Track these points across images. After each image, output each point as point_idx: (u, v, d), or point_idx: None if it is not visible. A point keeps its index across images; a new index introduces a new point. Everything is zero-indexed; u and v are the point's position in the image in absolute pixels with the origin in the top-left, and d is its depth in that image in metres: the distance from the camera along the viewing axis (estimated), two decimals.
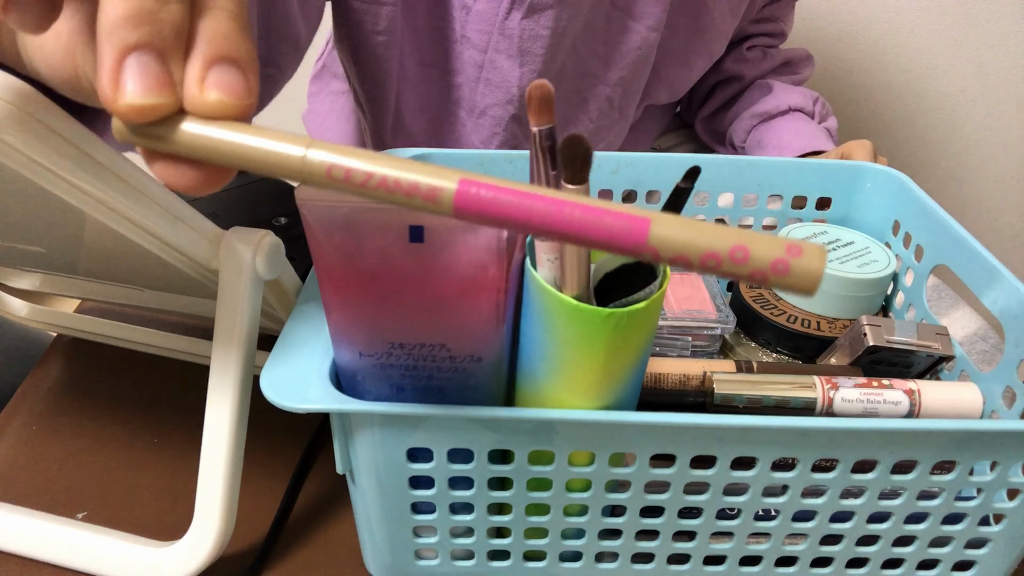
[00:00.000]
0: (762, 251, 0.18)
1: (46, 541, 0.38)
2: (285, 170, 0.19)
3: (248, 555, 0.40)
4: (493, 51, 0.64)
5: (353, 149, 0.19)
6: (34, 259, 0.41)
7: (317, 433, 0.47)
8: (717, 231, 0.18)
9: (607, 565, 0.37)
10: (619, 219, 0.18)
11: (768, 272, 0.18)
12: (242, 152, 0.19)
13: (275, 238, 0.35)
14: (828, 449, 0.32)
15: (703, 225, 0.18)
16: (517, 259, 0.29)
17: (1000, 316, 0.39)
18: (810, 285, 0.18)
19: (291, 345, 0.33)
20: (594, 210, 0.18)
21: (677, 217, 0.18)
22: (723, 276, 0.18)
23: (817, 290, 0.18)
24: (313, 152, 0.19)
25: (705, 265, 0.18)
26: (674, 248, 0.18)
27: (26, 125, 0.25)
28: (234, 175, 0.20)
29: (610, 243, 0.18)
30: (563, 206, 0.18)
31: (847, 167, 0.51)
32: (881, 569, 0.36)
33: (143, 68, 0.18)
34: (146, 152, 0.20)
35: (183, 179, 0.20)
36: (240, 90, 0.19)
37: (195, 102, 0.19)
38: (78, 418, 0.48)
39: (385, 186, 0.19)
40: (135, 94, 0.18)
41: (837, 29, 1.12)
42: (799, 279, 0.18)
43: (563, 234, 0.18)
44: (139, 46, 0.18)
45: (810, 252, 0.17)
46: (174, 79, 0.19)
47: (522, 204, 0.18)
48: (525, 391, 0.33)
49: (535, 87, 0.26)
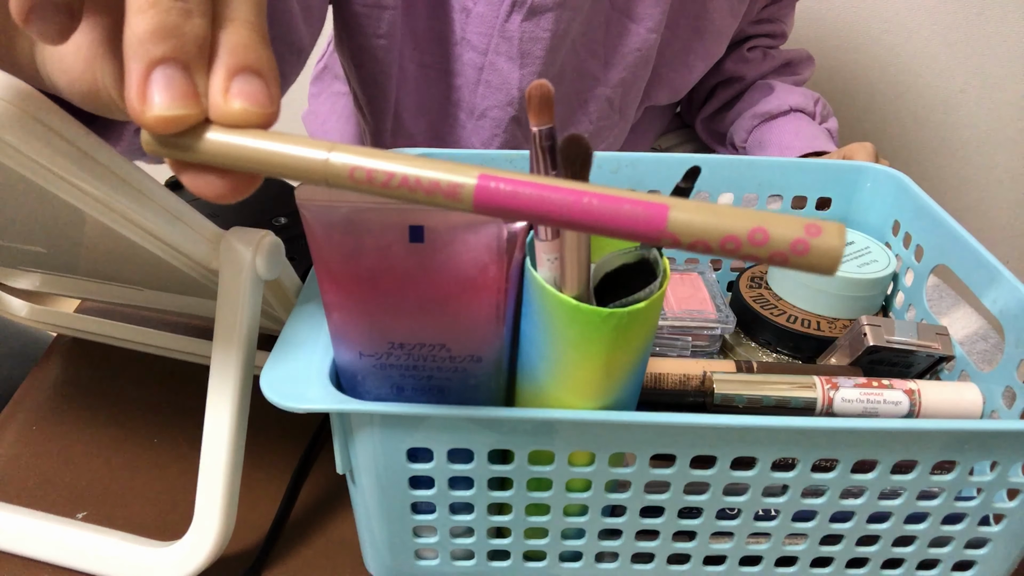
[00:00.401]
0: (781, 232, 0.17)
1: (46, 541, 0.38)
2: (309, 174, 0.19)
3: (248, 555, 0.40)
4: (493, 53, 0.64)
5: (373, 150, 0.19)
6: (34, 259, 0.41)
7: (317, 433, 0.47)
8: (736, 214, 0.18)
9: (607, 565, 0.37)
10: (637, 206, 0.18)
11: (788, 253, 0.18)
12: (266, 158, 0.19)
13: (275, 238, 0.35)
14: (828, 449, 0.32)
15: (721, 208, 0.18)
16: (517, 259, 0.29)
17: (1000, 316, 0.39)
18: (831, 264, 0.17)
19: (291, 345, 0.33)
20: (613, 199, 0.18)
21: (695, 202, 0.18)
22: (743, 259, 0.18)
23: (838, 269, 0.17)
24: (336, 155, 0.19)
25: (725, 248, 0.18)
26: (693, 233, 0.18)
27: (26, 125, 0.25)
28: (260, 183, 0.21)
29: (630, 230, 0.18)
30: (581, 196, 0.18)
31: (847, 167, 0.51)
32: (881, 569, 0.36)
33: (169, 81, 0.19)
34: (174, 163, 0.20)
35: (211, 187, 0.20)
36: (263, 98, 0.20)
37: (220, 111, 0.20)
38: (78, 418, 0.48)
39: (407, 185, 0.19)
40: (162, 106, 0.19)
41: (837, 29, 1.12)
42: (820, 258, 0.17)
43: (583, 224, 0.19)
44: (165, 59, 0.19)
45: (829, 230, 0.17)
46: (199, 90, 0.19)
47: (541, 196, 0.19)
48: (525, 391, 0.33)
49: (535, 87, 0.26)
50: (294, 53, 0.54)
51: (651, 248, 0.30)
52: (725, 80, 0.82)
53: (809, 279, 0.45)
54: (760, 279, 0.49)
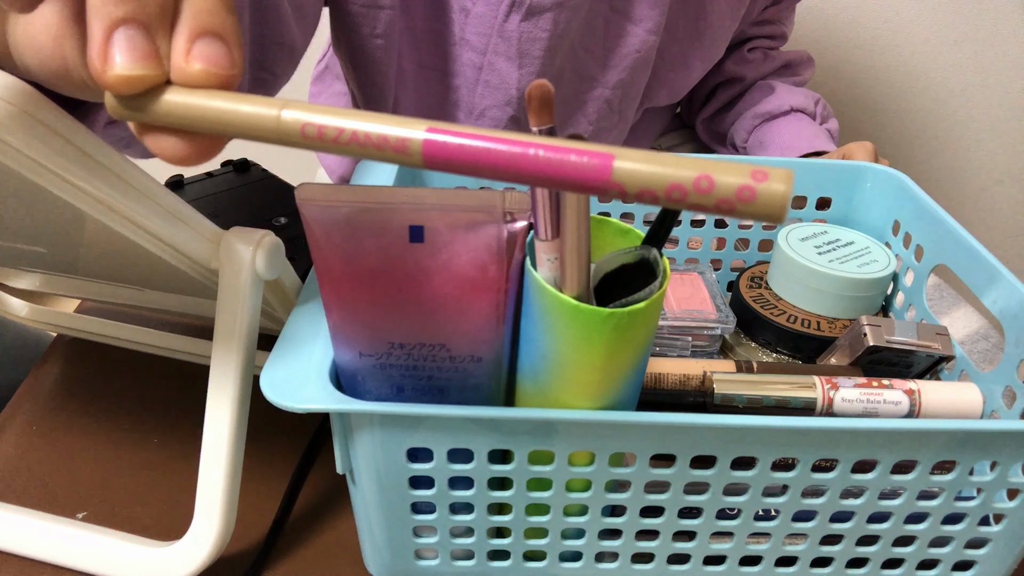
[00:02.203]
0: (727, 179, 0.17)
1: (46, 541, 0.38)
2: (263, 131, 0.20)
3: (248, 555, 0.40)
4: (492, 53, 0.64)
5: (325, 107, 0.20)
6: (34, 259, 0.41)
7: (317, 433, 0.47)
8: (681, 162, 0.18)
9: (607, 565, 0.37)
10: (583, 155, 0.18)
11: (735, 200, 0.17)
12: (221, 117, 0.20)
13: (275, 238, 0.35)
14: (828, 449, 0.32)
15: (667, 157, 0.18)
16: (517, 259, 0.29)
17: (1000, 316, 0.39)
18: (777, 211, 0.17)
19: (291, 345, 0.33)
20: (559, 149, 0.18)
21: (642, 151, 0.18)
22: (690, 208, 0.18)
23: (785, 215, 0.17)
24: (288, 112, 0.19)
25: (671, 198, 0.18)
26: (638, 182, 0.18)
27: (26, 125, 0.25)
28: (222, 146, 0.21)
29: (576, 181, 0.18)
30: (528, 147, 0.18)
31: (847, 167, 0.51)
32: (881, 569, 0.36)
33: (130, 41, 0.19)
34: (137, 126, 0.21)
35: (174, 150, 0.21)
36: (224, 62, 0.20)
37: (181, 73, 0.20)
38: (78, 418, 0.48)
39: (357, 140, 0.19)
40: (123, 66, 0.19)
41: (837, 29, 1.12)
42: (766, 205, 0.17)
43: (530, 176, 0.19)
44: (126, 20, 0.19)
45: (776, 175, 0.17)
46: (160, 52, 0.20)
47: (489, 149, 0.19)
48: (525, 391, 0.33)
49: (535, 87, 0.26)
50: (286, 53, 0.54)
51: (651, 248, 0.30)
52: (725, 81, 0.82)
53: (809, 279, 0.45)
54: (760, 279, 0.49)
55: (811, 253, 0.46)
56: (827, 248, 0.47)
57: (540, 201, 0.28)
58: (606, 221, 0.33)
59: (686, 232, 0.52)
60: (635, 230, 0.32)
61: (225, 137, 0.21)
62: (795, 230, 0.49)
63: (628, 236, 0.33)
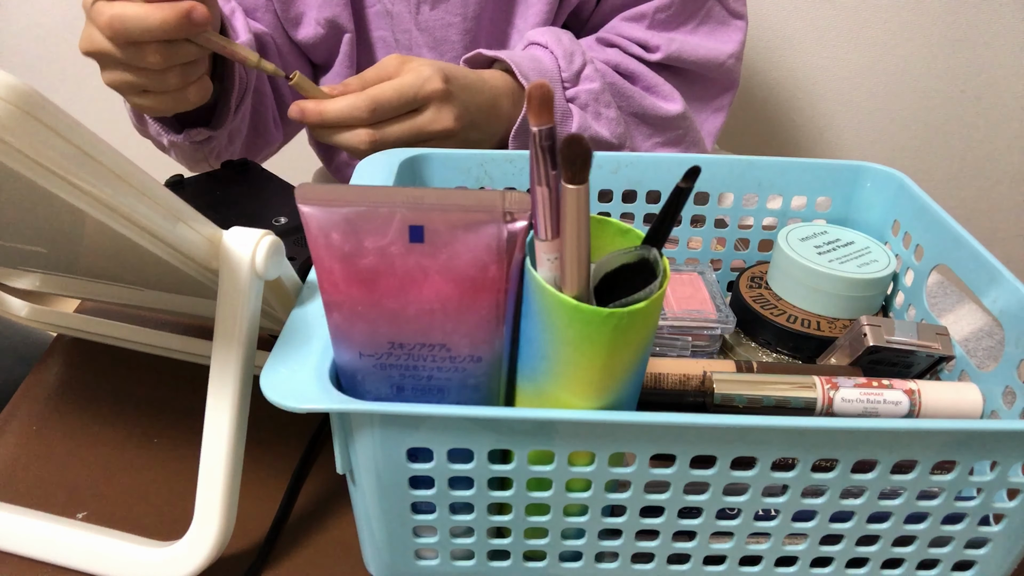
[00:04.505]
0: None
1: (46, 541, 0.38)
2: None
3: (248, 555, 0.40)
4: (416, 47, 0.68)
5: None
6: (34, 259, 0.41)
7: (317, 433, 0.47)
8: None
9: (607, 565, 0.37)
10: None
11: None
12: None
13: (275, 238, 0.35)
14: (828, 449, 0.32)
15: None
16: (517, 259, 0.29)
17: (1000, 316, 0.39)
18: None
19: (291, 345, 0.33)
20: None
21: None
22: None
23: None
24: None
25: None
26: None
27: (26, 125, 0.25)
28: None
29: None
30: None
31: (847, 167, 0.51)
32: (881, 569, 0.36)
33: None
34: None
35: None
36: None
37: None
38: (78, 418, 0.48)
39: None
40: None
41: (836, 29, 1.12)
42: None
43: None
44: None
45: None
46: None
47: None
48: (525, 391, 0.33)
49: (535, 87, 0.26)
50: (265, 144, 0.69)
51: (651, 248, 0.30)
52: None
53: (809, 279, 0.45)
54: (760, 279, 0.49)
55: (811, 253, 0.46)
56: (827, 248, 0.47)
57: (540, 201, 0.28)
58: (606, 221, 0.33)
59: (686, 232, 0.52)
60: (635, 230, 0.32)
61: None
62: (795, 230, 0.49)
63: (628, 236, 0.33)
